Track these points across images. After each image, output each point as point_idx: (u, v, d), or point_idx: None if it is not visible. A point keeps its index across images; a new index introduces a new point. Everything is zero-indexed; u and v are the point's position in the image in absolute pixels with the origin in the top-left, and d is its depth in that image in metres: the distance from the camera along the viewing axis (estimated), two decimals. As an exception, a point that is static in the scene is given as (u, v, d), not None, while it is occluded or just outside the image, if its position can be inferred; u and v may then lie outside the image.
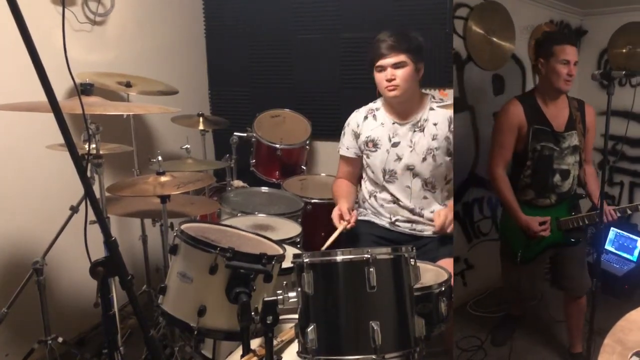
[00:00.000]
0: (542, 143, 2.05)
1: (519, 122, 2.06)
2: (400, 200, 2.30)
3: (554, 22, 2.20)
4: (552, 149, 2.06)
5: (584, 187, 2.17)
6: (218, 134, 3.72)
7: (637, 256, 2.29)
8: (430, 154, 2.23)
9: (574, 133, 2.06)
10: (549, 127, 2.06)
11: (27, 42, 1.10)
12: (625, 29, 2.08)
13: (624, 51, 2.11)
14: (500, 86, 2.24)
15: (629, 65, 2.09)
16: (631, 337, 1.28)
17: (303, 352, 1.31)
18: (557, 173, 2.09)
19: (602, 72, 1.89)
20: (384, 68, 2.17)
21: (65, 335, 2.33)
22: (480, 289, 2.38)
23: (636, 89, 2.04)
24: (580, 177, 2.14)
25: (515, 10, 2.12)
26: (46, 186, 2.53)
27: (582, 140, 2.08)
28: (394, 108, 2.29)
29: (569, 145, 2.07)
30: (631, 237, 2.31)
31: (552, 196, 2.12)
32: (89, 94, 1.99)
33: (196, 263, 1.59)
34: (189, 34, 3.62)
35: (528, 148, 2.07)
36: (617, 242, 2.36)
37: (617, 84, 1.92)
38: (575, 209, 2.15)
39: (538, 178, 2.10)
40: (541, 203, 2.13)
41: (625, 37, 2.09)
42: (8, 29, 1.21)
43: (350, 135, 2.38)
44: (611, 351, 1.25)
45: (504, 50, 2.18)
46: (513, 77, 2.24)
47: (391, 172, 2.29)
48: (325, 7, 3.41)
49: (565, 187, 2.11)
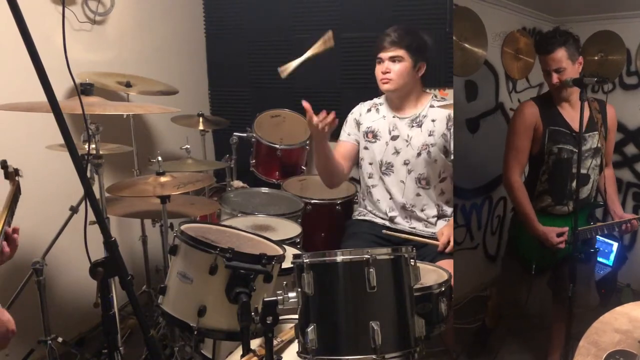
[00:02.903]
0: (559, 145, 1.99)
1: (534, 123, 2.02)
2: (394, 195, 2.31)
3: (527, 29, 2.21)
4: (572, 152, 1.99)
5: (602, 193, 2.09)
6: (218, 134, 3.72)
7: (613, 260, 2.29)
8: (425, 149, 2.25)
9: (595, 134, 1.99)
10: (566, 127, 2.00)
11: (27, 42, 1.10)
12: (597, 36, 2.10)
13: (596, 58, 2.13)
14: (473, 92, 2.25)
15: (601, 72, 2.11)
16: (605, 339, 1.30)
17: (303, 352, 1.31)
18: (575, 178, 1.98)
19: (574, 78, 1.89)
20: (382, 60, 2.24)
21: (65, 335, 2.33)
22: (456, 299, 2.36)
23: (608, 95, 2.04)
24: (600, 182, 2.07)
25: (487, 17, 2.14)
26: (46, 186, 2.53)
27: (603, 143, 2.01)
28: (393, 102, 2.34)
29: (590, 148, 2.00)
30: (607, 242, 2.30)
31: (569, 203, 2.03)
32: (89, 94, 1.99)
33: (196, 263, 1.59)
34: (189, 34, 3.62)
35: (544, 151, 2.01)
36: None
37: (590, 90, 1.94)
38: (593, 218, 2.10)
39: (555, 183, 2.04)
40: (558, 211, 2.06)
41: (597, 44, 2.11)
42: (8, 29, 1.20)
43: (353, 122, 2.43)
44: (586, 353, 1.26)
45: (477, 56, 2.20)
46: (486, 83, 2.25)
47: (388, 165, 2.32)
48: (325, 7, 3.40)
49: (584, 194, 2.02)
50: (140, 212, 2.48)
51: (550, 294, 2.18)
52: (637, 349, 1.25)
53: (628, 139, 2.17)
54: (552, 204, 2.07)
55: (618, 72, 2.14)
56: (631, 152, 2.18)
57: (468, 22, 2.13)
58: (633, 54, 2.09)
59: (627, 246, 2.28)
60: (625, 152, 2.19)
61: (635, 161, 2.18)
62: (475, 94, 2.25)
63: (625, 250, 2.28)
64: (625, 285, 2.29)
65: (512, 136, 2.09)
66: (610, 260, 2.30)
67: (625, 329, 1.32)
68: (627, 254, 2.28)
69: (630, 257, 2.28)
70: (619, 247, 2.28)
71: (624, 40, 2.10)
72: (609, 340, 1.28)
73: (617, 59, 2.13)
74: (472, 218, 2.31)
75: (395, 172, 2.32)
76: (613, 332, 1.31)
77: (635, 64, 2.10)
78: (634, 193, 2.19)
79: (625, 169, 2.20)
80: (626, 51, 2.11)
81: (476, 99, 2.25)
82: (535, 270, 2.07)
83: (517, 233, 2.17)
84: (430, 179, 2.29)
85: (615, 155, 2.18)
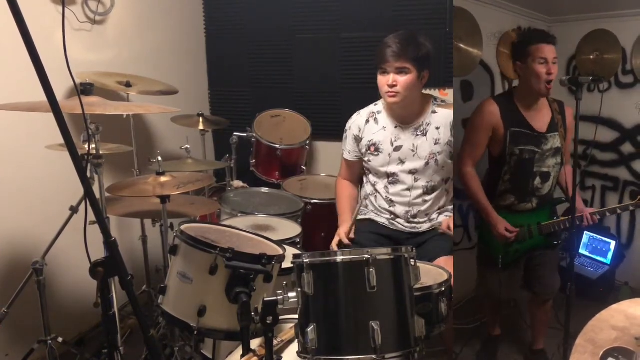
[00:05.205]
0: (521, 147, 2.02)
1: (494, 123, 2.03)
2: (399, 203, 2.30)
3: (522, 29, 2.21)
4: (533, 152, 2.03)
5: (562, 189, 2.15)
6: (218, 134, 3.72)
7: (610, 259, 2.29)
8: (433, 158, 2.24)
9: (556, 135, 2.04)
10: (529, 129, 2.03)
11: (27, 42, 1.10)
12: (592, 35, 2.09)
13: (591, 57, 2.12)
14: (469, 92, 2.24)
15: (597, 71, 2.10)
16: (602, 336, 1.30)
17: (303, 352, 1.31)
18: (537, 176, 2.07)
19: (570, 78, 1.90)
20: (386, 71, 2.16)
21: (65, 335, 2.33)
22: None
23: (604, 94, 2.04)
24: (560, 178, 2.13)
25: (482, 17, 2.12)
26: (46, 186, 2.53)
27: (563, 142, 2.06)
28: (395, 112, 2.29)
29: (551, 147, 2.05)
30: (604, 240, 2.31)
31: (533, 200, 2.09)
32: (89, 93, 1.99)
33: (196, 263, 1.59)
34: (189, 34, 3.62)
35: (506, 152, 2.04)
36: (591, 245, 2.35)
37: (586, 89, 1.93)
38: (555, 213, 2.14)
39: (518, 182, 2.08)
40: (522, 208, 2.10)
41: (592, 43, 2.10)
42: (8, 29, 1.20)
43: (352, 140, 2.38)
44: (583, 351, 1.27)
45: (472, 56, 2.19)
46: (482, 83, 2.25)
47: (393, 175, 2.29)
48: (325, 7, 3.41)
49: (545, 190, 2.09)
50: (140, 212, 2.48)
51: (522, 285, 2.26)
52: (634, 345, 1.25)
53: (624, 138, 2.17)
54: (516, 202, 2.10)
55: (614, 71, 2.14)
56: (628, 150, 2.18)
57: (463, 22, 2.12)
58: (629, 53, 2.10)
59: (625, 244, 2.28)
60: (621, 151, 2.19)
61: (632, 160, 2.18)
62: (471, 95, 2.25)
63: (623, 249, 2.28)
64: (623, 284, 2.30)
65: (469, 132, 2.12)
66: (608, 258, 2.30)
67: (622, 326, 1.32)
68: (625, 252, 2.28)
69: (628, 255, 2.28)
70: (616, 246, 2.28)
71: (620, 39, 2.09)
72: (605, 338, 1.29)
73: (612, 57, 2.13)
74: (470, 218, 2.31)
75: (401, 182, 2.29)
76: (610, 329, 1.31)
77: (631, 62, 2.10)
78: (631, 191, 2.20)
79: (622, 167, 2.20)
80: (621, 50, 2.11)
81: (472, 100, 2.25)
82: (502, 265, 2.11)
83: (483, 229, 2.20)
84: (436, 185, 2.28)
85: (612, 154, 2.19)
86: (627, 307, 1.40)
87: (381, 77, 2.19)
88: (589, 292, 2.25)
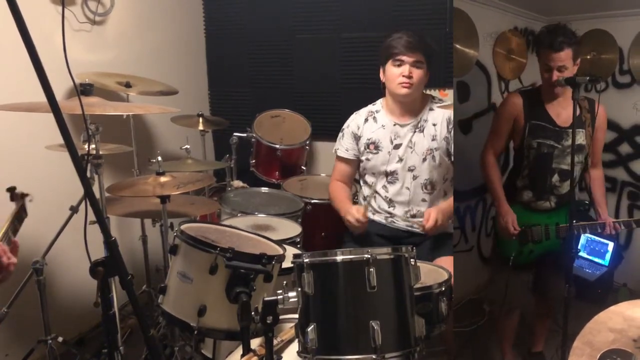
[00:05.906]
0: (539, 140, 2.01)
1: (515, 114, 2.04)
2: (399, 202, 2.30)
3: (518, 29, 2.21)
4: (552, 147, 2.01)
5: (588, 192, 2.10)
6: (218, 134, 3.72)
7: (608, 260, 2.29)
8: (430, 154, 2.24)
9: (580, 131, 1.99)
10: (549, 122, 2.01)
11: (27, 42, 1.10)
12: (589, 35, 2.10)
13: (588, 57, 2.13)
14: (466, 93, 2.24)
15: (594, 71, 2.12)
16: (599, 338, 1.29)
17: (303, 351, 1.31)
18: (556, 172, 2.03)
19: (567, 78, 1.90)
20: (403, 63, 2.15)
21: (65, 335, 2.33)
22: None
23: (600, 94, 2.04)
24: (585, 181, 2.09)
25: (479, 17, 2.12)
26: (46, 186, 2.53)
27: (589, 141, 2.01)
28: (395, 108, 2.29)
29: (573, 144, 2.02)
30: (602, 242, 2.31)
31: (551, 199, 2.06)
32: (89, 94, 1.99)
33: (196, 263, 1.59)
34: (189, 34, 3.62)
35: (524, 144, 2.04)
36: (589, 247, 2.35)
37: (583, 89, 1.94)
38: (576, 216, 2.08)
39: (536, 178, 2.06)
40: (540, 206, 2.08)
41: (589, 44, 2.11)
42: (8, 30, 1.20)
43: (350, 137, 2.38)
44: (580, 353, 1.26)
45: (468, 57, 2.19)
46: (478, 83, 2.25)
47: (392, 174, 2.29)
48: (325, 7, 3.41)
49: (565, 189, 2.04)
50: (140, 212, 2.48)
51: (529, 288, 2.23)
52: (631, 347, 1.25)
53: (622, 138, 2.17)
54: (534, 199, 2.09)
55: (611, 71, 2.14)
56: (625, 151, 2.18)
57: (459, 23, 2.12)
58: (626, 53, 2.10)
59: (623, 246, 2.28)
60: (619, 151, 2.19)
61: (630, 160, 2.18)
62: (468, 95, 2.25)
63: (621, 250, 2.28)
64: (621, 285, 2.30)
65: (494, 121, 2.15)
66: (606, 260, 2.30)
67: (619, 328, 1.31)
68: (623, 254, 2.28)
69: (626, 256, 2.28)
70: (614, 247, 2.28)
71: (617, 39, 2.10)
72: (603, 340, 1.28)
73: (609, 57, 2.13)
74: (467, 220, 2.31)
75: (400, 180, 2.29)
76: (607, 331, 1.31)
77: (628, 62, 2.10)
78: (629, 192, 2.20)
79: (619, 168, 2.20)
80: (619, 50, 2.11)
81: (468, 100, 2.25)
82: (513, 264, 2.10)
83: (497, 229, 2.18)
84: (435, 183, 2.27)
85: (610, 154, 2.18)
86: (625, 308, 1.39)
87: (395, 68, 2.17)
88: (587, 294, 2.25)
